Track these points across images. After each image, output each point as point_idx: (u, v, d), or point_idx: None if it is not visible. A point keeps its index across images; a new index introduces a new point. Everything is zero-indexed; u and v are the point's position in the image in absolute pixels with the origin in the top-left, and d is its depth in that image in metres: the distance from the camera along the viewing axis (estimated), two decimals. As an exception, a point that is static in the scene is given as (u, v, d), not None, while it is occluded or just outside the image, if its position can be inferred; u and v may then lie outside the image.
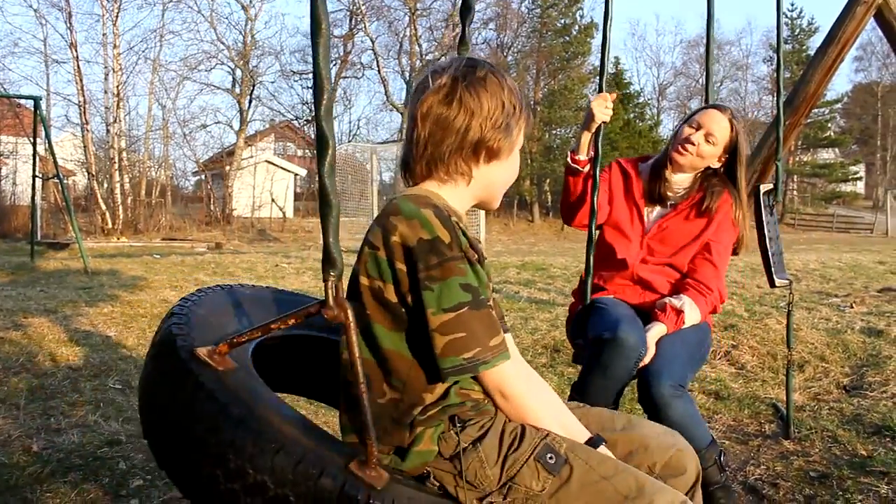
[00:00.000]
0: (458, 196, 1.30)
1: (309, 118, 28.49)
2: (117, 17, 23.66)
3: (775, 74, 2.91)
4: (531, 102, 30.98)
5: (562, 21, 31.64)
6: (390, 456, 1.21)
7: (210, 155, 28.92)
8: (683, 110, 35.49)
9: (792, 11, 37.12)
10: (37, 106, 9.13)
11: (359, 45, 29.96)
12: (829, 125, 38.12)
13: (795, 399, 3.41)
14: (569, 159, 2.36)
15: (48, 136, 9.43)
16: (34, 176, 10.08)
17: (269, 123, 31.82)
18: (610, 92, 2.36)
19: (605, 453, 1.30)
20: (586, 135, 2.32)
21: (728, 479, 2.06)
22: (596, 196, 2.34)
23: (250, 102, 27.52)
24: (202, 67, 27.41)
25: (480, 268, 1.21)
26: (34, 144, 9.68)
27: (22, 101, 18.37)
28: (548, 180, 31.04)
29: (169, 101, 27.41)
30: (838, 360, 4.18)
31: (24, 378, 3.61)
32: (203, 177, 27.93)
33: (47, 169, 12.50)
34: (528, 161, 29.73)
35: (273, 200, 26.65)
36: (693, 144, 2.28)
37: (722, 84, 41.49)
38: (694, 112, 2.39)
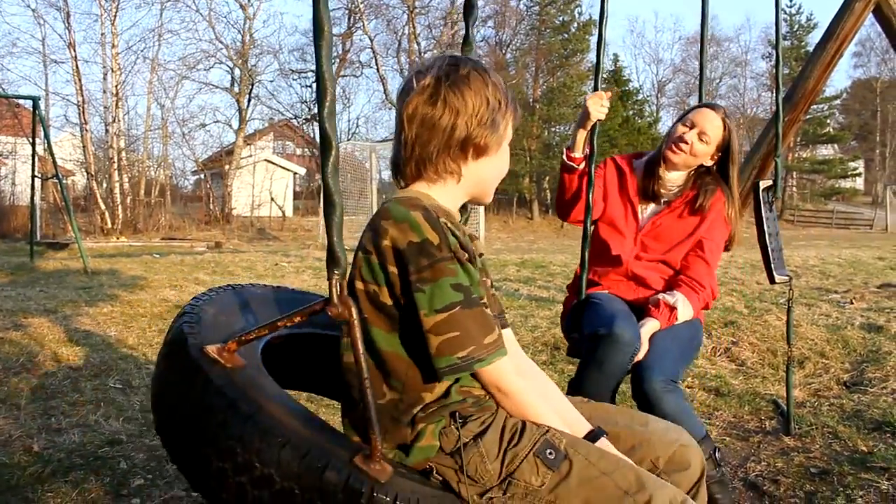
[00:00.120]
0: (450, 194, 1.32)
1: (308, 117, 28.47)
2: (115, 17, 23.66)
3: (774, 71, 2.91)
4: (530, 100, 30.97)
5: (560, 18, 31.60)
6: (394, 450, 1.23)
7: (209, 154, 28.94)
8: (682, 107, 35.45)
9: (791, 7, 37.09)
10: (35, 106, 9.12)
11: (357, 44, 29.95)
12: (829, 121, 38.08)
13: (795, 395, 3.41)
14: (564, 156, 2.39)
15: (47, 136, 9.44)
16: (33, 176, 10.07)
17: (268, 122, 31.81)
18: (606, 90, 2.39)
19: (607, 446, 1.31)
20: (582, 132, 2.34)
21: (724, 475, 2.07)
22: (591, 193, 2.36)
23: (249, 101, 27.53)
24: (201, 66, 27.46)
25: (472, 267, 1.21)
26: (33, 144, 9.66)
27: (21, 102, 18.33)
28: (547, 178, 31.00)
29: (168, 101, 27.54)
30: (838, 357, 4.18)
31: (25, 378, 3.61)
32: (202, 176, 27.93)
33: (46, 169, 12.50)
34: (528, 159, 29.72)
35: (272, 199, 26.65)
36: (686, 143, 2.31)
37: (721, 80, 41.52)
38: (687, 111, 2.42)
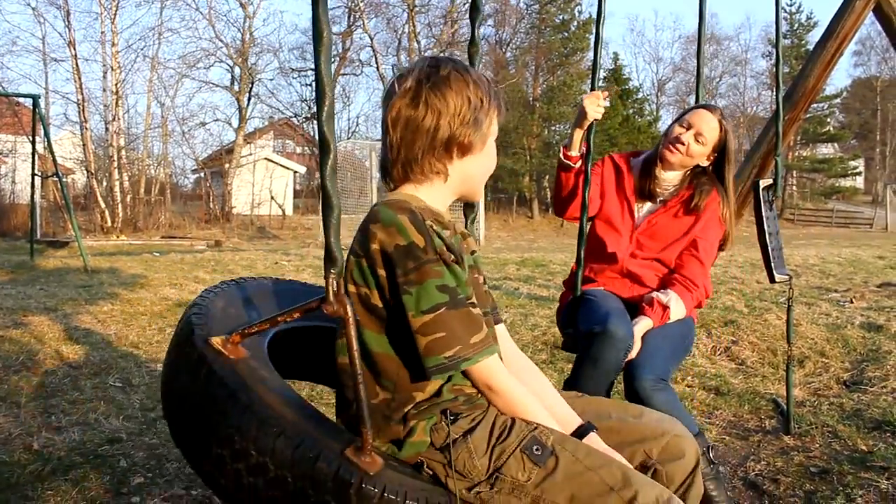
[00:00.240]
0: (438, 194, 1.34)
1: (308, 115, 28.39)
2: (115, 15, 23.66)
3: (774, 69, 2.92)
4: (530, 99, 30.95)
5: (560, 17, 31.56)
6: (388, 444, 1.26)
7: (209, 153, 28.92)
8: (682, 105, 35.42)
9: (791, 6, 37.06)
10: (35, 104, 9.12)
11: (357, 42, 29.88)
12: (829, 120, 38.05)
13: (795, 394, 3.42)
14: (561, 155, 2.41)
15: (47, 135, 9.43)
16: (33, 174, 10.06)
17: (268, 121, 31.78)
18: (603, 90, 2.41)
19: (596, 442, 1.33)
20: (578, 132, 2.36)
21: (719, 471, 2.08)
22: (587, 191, 2.38)
23: (249, 100, 27.49)
24: (201, 65, 27.24)
25: (458, 268, 1.24)
26: (33, 143, 9.64)
27: (21, 100, 18.24)
28: (547, 176, 30.94)
29: (168, 99, 27.56)
30: (838, 356, 4.18)
31: (25, 376, 3.61)
32: (202, 174, 27.91)
33: (46, 167, 12.49)
34: (528, 157, 29.72)
35: (272, 198, 26.64)
36: (683, 144, 2.33)
37: (721, 79, 41.50)
38: (685, 112, 2.44)
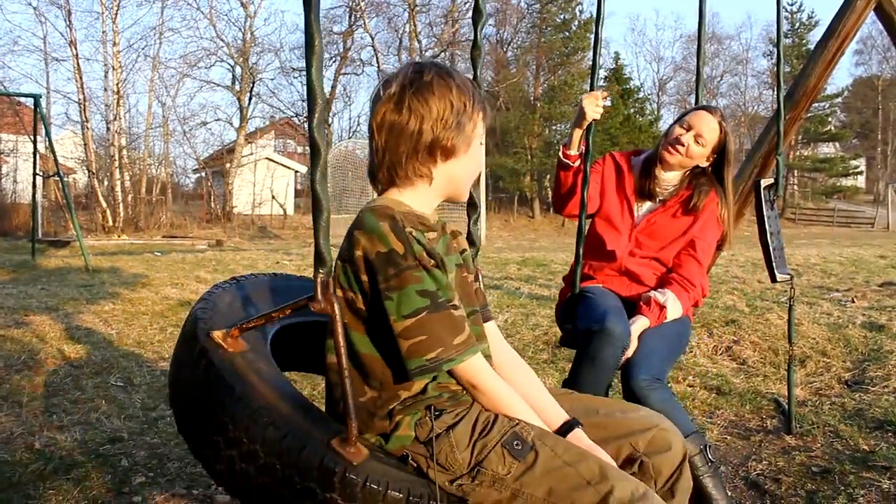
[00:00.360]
0: (423, 197, 1.37)
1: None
2: (116, 15, 23.68)
3: (775, 68, 2.92)
4: (531, 98, 30.94)
5: (561, 16, 31.58)
6: (376, 437, 1.30)
7: (210, 152, 28.92)
8: (683, 105, 35.37)
9: (792, 5, 37.03)
10: (37, 104, 9.14)
11: (358, 42, 29.87)
12: (830, 119, 38.02)
13: (797, 394, 3.41)
14: (561, 154, 2.43)
15: (48, 134, 9.43)
16: (35, 174, 10.07)
17: (270, 120, 31.81)
18: (603, 90, 2.42)
19: (581, 437, 1.37)
20: (578, 131, 2.38)
21: (717, 469, 2.08)
22: (586, 190, 2.40)
23: (250, 99, 27.50)
24: (202, 65, 27.24)
25: (439, 272, 1.27)
26: (34, 142, 9.65)
27: (22, 99, 18.32)
28: (548, 176, 30.94)
29: (169, 99, 27.54)
30: (840, 355, 4.18)
31: (27, 376, 3.62)
32: (203, 174, 27.95)
33: (48, 167, 12.46)
34: (529, 157, 29.72)
35: (273, 197, 26.66)
36: (682, 145, 2.34)
37: (722, 78, 41.47)
38: (685, 112, 2.45)
